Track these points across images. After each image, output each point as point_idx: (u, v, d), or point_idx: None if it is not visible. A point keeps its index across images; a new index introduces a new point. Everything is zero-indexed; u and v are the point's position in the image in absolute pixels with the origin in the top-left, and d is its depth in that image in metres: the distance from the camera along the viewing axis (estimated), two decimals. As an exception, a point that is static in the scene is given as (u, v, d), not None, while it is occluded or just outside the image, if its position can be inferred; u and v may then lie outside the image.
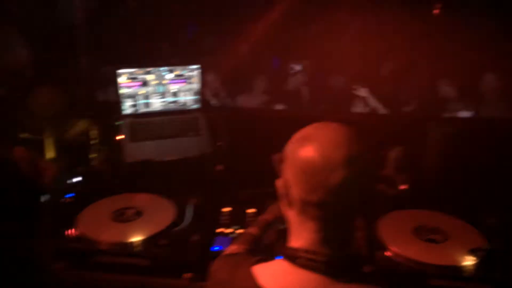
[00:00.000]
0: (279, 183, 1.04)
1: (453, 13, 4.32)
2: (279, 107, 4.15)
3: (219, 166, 2.10)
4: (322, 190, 0.93)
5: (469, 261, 1.46)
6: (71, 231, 1.60)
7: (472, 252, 1.48)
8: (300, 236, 1.01)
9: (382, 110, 3.78)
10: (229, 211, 1.76)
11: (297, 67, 4.55)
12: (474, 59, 3.79)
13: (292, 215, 1.03)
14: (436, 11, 4.54)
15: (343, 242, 1.00)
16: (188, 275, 1.50)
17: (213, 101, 3.93)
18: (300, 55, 4.63)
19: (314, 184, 0.94)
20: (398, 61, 4.29)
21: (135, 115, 2.20)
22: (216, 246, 1.57)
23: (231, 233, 1.64)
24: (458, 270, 1.45)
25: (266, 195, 1.85)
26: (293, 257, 0.99)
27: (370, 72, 4.20)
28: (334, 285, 0.96)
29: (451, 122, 2.90)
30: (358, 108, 3.97)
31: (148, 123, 2.19)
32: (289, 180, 1.00)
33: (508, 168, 1.99)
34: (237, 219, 1.72)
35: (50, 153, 2.21)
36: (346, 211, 0.97)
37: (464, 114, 3.71)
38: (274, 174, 1.04)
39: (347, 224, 1.00)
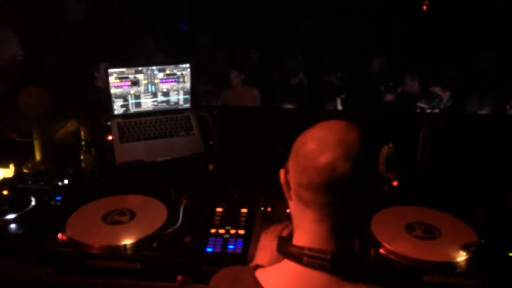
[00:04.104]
0: (281, 173, 1.05)
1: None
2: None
3: (211, 166, 2.09)
4: (311, 170, 0.94)
5: (461, 256, 1.46)
6: (61, 235, 1.57)
7: (463, 247, 1.48)
8: (302, 229, 1.00)
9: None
10: (222, 211, 1.75)
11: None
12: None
13: (292, 205, 1.03)
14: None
15: (344, 238, 0.99)
16: (181, 278, 1.49)
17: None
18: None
19: (305, 165, 0.95)
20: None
21: (125, 115, 2.18)
22: (210, 247, 1.56)
23: (224, 233, 1.63)
24: (450, 266, 1.45)
25: (259, 194, 1.86)
26: (298, 255, 0.97)
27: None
28: (340, 285, 0.94)
29: (441, 118, 2.91)
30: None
31: (139, 123, 2.17)
32: (288, 167, 1.02)
33: (498, 163, 2.01)
34: (230, 219, 1.71)
35: (38, 155, 2.19)
36: (339, 198, 0.95)
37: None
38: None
39: (346, 216, 0.98)
